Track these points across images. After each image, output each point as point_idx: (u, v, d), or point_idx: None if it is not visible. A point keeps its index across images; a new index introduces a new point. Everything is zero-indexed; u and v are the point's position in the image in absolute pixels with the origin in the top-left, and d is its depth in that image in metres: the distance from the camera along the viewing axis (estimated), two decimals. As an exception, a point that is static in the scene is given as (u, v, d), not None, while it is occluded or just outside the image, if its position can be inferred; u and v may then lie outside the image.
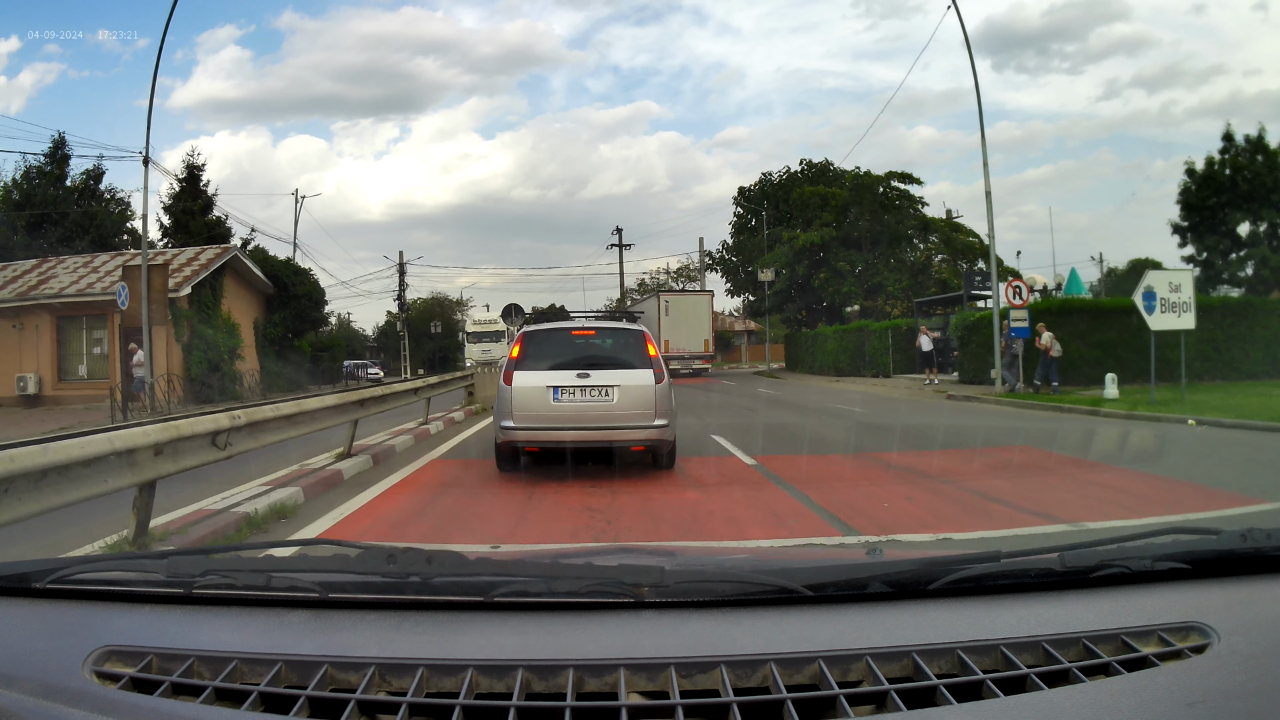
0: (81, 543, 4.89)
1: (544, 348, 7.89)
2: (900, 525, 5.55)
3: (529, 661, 1.01)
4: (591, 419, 7.44)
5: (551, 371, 7.57)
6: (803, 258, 38.43)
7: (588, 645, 1.07)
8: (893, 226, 38.00)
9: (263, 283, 30.56)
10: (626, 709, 0.93)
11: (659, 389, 7.55)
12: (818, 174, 44.55)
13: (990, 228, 20.56)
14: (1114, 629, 1.07)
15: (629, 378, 7.56)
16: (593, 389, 7.47)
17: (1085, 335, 19.66)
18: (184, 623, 1.18)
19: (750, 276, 44.93)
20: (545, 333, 8.22)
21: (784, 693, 0.95)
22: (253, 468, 7.45)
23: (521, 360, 7.67)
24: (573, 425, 7.46)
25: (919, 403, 18.45)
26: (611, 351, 8.02)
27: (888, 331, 30.30)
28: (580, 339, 8.21)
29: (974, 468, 8.33)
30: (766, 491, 7.07)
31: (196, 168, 34.35)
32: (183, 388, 22.67)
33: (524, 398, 7.49)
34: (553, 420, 7.45)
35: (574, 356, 7.74)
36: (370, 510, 6.55)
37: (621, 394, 7.47)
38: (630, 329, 8.32)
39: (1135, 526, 3.59)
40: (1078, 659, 1.02)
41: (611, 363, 7.75)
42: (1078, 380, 18.42)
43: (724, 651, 1.03)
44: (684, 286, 54.76)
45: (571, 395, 7.44)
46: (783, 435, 11.79)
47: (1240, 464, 8.57)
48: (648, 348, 7.84)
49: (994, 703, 0.93)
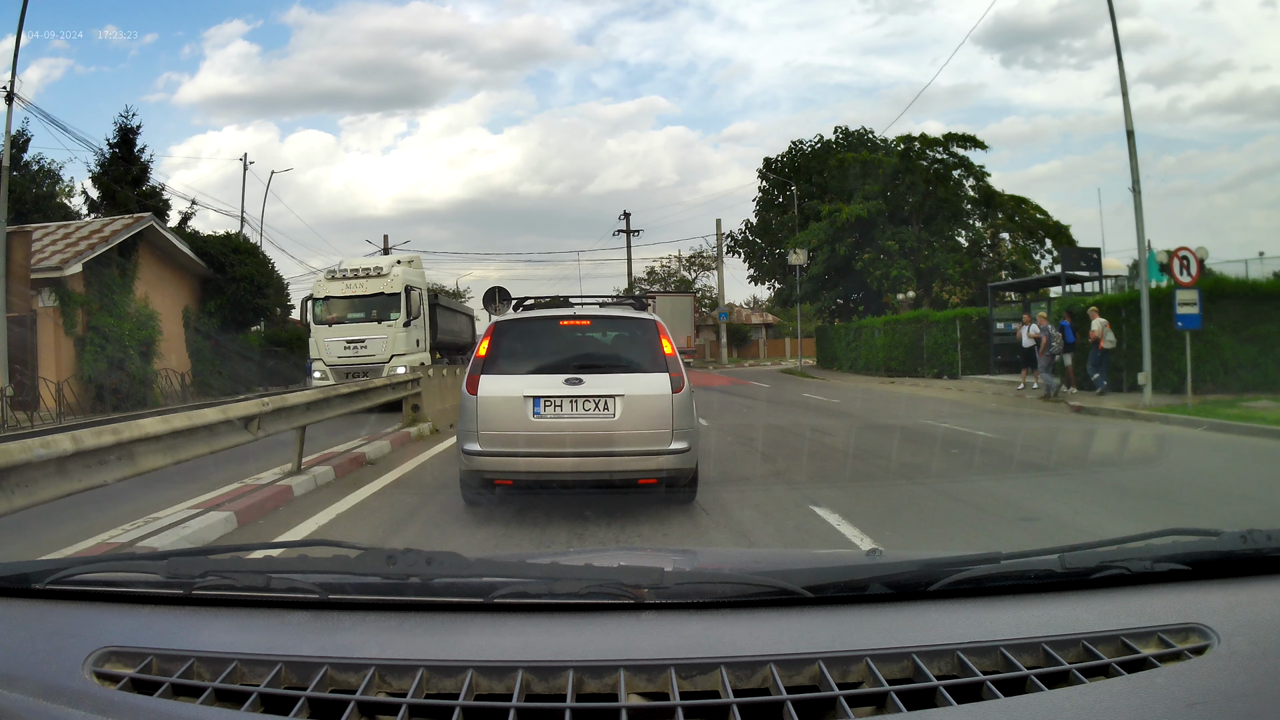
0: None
1: (522, 344, 6.09)
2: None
3: (529, 663, 1.01)
4: (585, 441, 5.57)
5: (532, 376, 5.77)
6: (845, 235, 32.39)
7: (588, 646, 1.07)
8: (950, 199, 32.42)
9: (195, 264, 24.92)
10: (626, 710, 0.93)
11: (677, 400, 5.65)
12: (854, 143, 39.34)
13: (1134, 171, 14.51)
14: (1114, 630, 1.07)
15: (637, 384, 5.71)
16: (587, 400, 5.62)
17: (1237, 327, 14.84)
18: (184, 624, 1.18)
19: (778, 260, 39.52)
20: (524, 324, 6.28)
21: (784, 694, 0.95)
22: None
23: (491, 361, 5.85)
24: (559, 450, 5.61)
25: (1052, 420, 13.24)
26: (613, 348, 6.33)
27: (954, 322, 24.84)
28: (572, 332, 6.28)
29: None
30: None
31: (131, 130, 28.95)
32: (76, 393, 17.93)
33: (493, 412, 5.67)
34: (532, 443, 5.62)
35: (562, 355, 5.93)
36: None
37: (627, 406, 5.62)
38: (639, 318, 6.26)
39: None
40: (1078, 660, 1.02)
41: (613, 364, 5.99)
42: (1231, 386, 14.40)
43: (724, 653, 1.03)
44: (696, 275, 51.55)
45: (558, 408, 5.61)
46: (914, 495, 6.89)
47: None
48: (662, 343, 5.91)
49: (994, 704, 0.93)
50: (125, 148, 28.80)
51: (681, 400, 5.69)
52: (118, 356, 19.94)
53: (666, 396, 5.67)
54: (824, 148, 40.68)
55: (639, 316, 6.29)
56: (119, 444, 4.61)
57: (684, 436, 5.65)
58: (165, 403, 19.73)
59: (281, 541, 5.28)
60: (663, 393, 5.68)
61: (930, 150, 33.04)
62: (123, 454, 4.67)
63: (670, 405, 5.65)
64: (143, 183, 28.93)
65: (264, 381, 26.17)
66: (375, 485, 7.55)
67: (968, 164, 33.13)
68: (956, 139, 32.80)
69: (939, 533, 5.49)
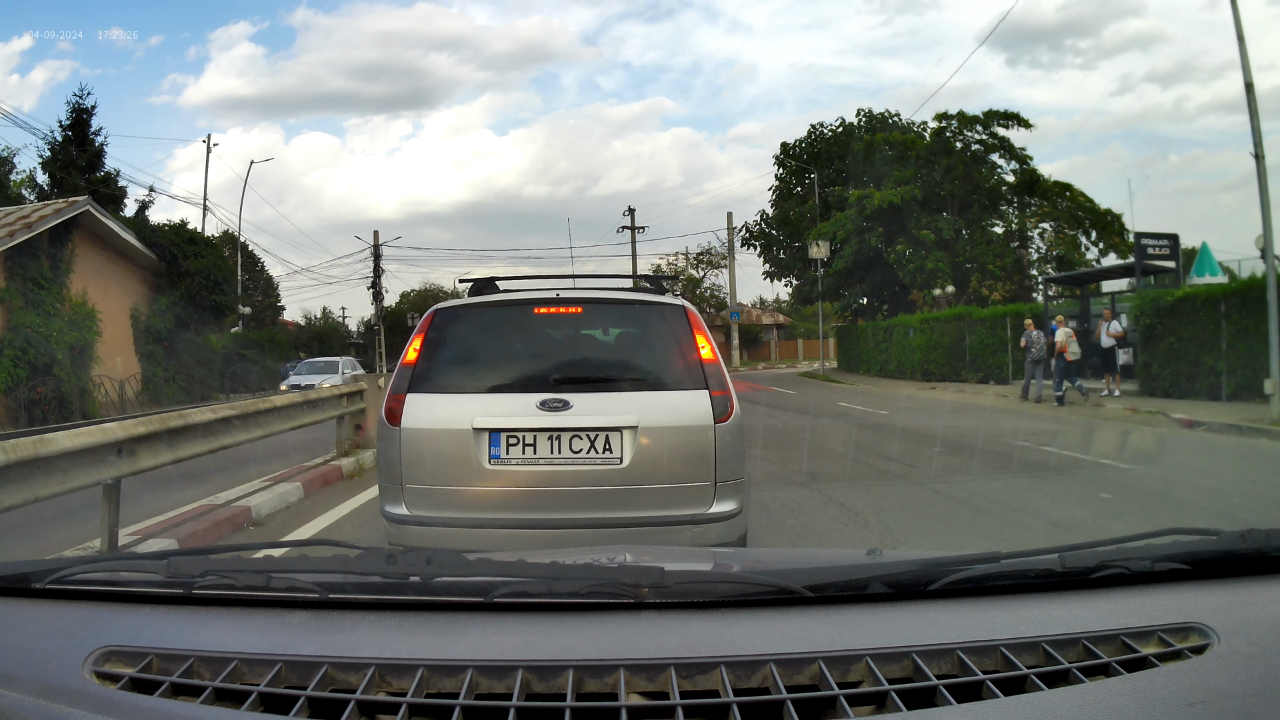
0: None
1: (475, 344, 3.96)
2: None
3: (529, 662, 1.01)
4: (572, 503, 3.57)
5: (489, 397, 3.70)
6: (875, 225, 29.11)
7: (588, 646, 1.07)
8: (988, 186, 29.50)
9: (144, 256, 22.13)
10: (626, 709, 0.94)
11: (723, 433, 3.61)
12: (878, 127, 36.46)
13: (1256, 133, 12.36)
14: (1114, 630, 1.07)
15: (658, 409, 3.64)
16: (577, 435, 3.56)
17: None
18: (184, 623, 1.18)
19: (797, 254, 36.07)
20: (478, 313, 4.02)
21: (784, 693, 0.95)
22: None
23: (425, 371, 3.75)
24: (530, 517, 3.59)
25: (1198, 442, 10.74)
26: (620, 352, 4.20)
27: (1004, 320, 21.84)
28: (553, 325, 4.11)
29: None
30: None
31: (85, 111, 26.62)
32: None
33: (425, 454, 3.63)
34: (487, 504, 3.61)
35: (539, 363, 3.89)
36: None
37: (641, 446, 3.56)
38: (660, 304, 4.01)
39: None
40: (1078, 660, 1.02)
41: (619, 376, 3.89)
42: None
43: (724, 652, 1.03)
44: (704, 274, 48.38)
45: (530, 449, 3.55)
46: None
47: None
48: (697, 342, 3.77)
49: (994, 703, 0.93)
50: (78, 130, 26.52)
51: (729, 434, 3.62)
52: (44, 362, 17.17)
53: (706, 428, 3.59)
54: (846, 131, 37.76)
55: (660, 302, 4.01)
56: None
57: (732, 492, 3.62)
58: (104, 414, 17.86)
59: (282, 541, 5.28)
60: (700, 423, 3.60)
61: (967, 130, 30.19)
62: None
63: (712, 442, 3.58)
64: (97, 168, 26.68)
65: (226, 389, 24.07)
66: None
67: (1008, 146, 30.12)
68: (998, 117, 29.53)
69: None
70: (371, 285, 41.84)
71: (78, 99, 27.03)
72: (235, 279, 27.95)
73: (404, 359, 3.82)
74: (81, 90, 31.57)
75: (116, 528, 4.97)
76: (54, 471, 4.42)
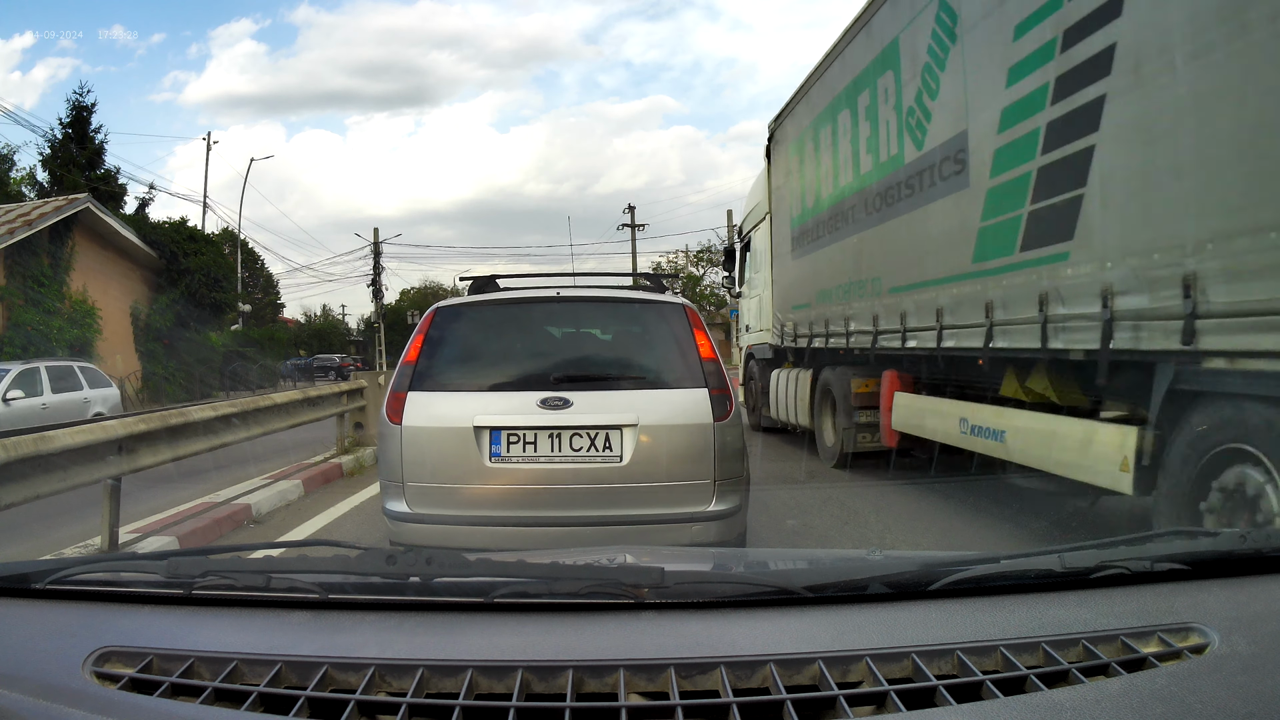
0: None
1: (475, 342, 4.12)
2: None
3: (529, 662, 1.01)
4: (573, 500, 3.68)
5: (489, 395, 3.82)
6: None
7: (588, 646, 1.07)
8: None
9: (144, 254, 22.16)
10: (626, 710, 0.94)
11: (722, 431, 3.74)
12: None
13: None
14: (1113, 630, 1.07)
15: (658, 407, 3.76)
16: (578, 433, 3.68)
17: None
18: (184, 623, 1.18)
19: None
20: (478, 311, 4.15)
21: (784, 693, 0.95)
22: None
23: (426, 369, 3.89)
24: (532, 515, 3.71)
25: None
26: (620, 349, 4.29)
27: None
28: (554, 323, 4.31)
29: None
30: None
31: (85, 108, 26.68)
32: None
33: (426, 452, 3.77)
34: (488, 502, 3.73)
35: (539, 361, 4.04)
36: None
37: (641, 444, 3.67)
38: (660, 302, 4.15)
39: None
40: (1077, 660, 1.02)
41: (619, 374, 4.02)
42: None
43: (724, 652, 1.03)
44: (705, 272, 47.65)
45: (531, 447, 3.67)
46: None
47: None
48: (695, 340, 3.92)
49: (994, 703, 0.93)
50: (78, 127, 26.67)
51: (728, 432, 3.74)
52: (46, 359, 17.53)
53: (706, 427, 3.70)
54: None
55: (660, 300, 4.14)
56: None
57: (731, 490, 3.72)
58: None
59: (282, 541, 5.28)
60: (700, 421, 3.72)
61: None
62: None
63: (711, 441, 3.69)
64: (97, 166, 26.86)
65: (226, 387, 24.08)
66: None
67: None
68: None
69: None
70: (371, 283, 41.92)
71: (78, 96, 27.17)
72: (235, 276, 27.96)
73: (405, 357, 3.95)
74: (82, 88, 32.07)
75: (117, 525, 5.06)
76: (55, 469, 4.45)
